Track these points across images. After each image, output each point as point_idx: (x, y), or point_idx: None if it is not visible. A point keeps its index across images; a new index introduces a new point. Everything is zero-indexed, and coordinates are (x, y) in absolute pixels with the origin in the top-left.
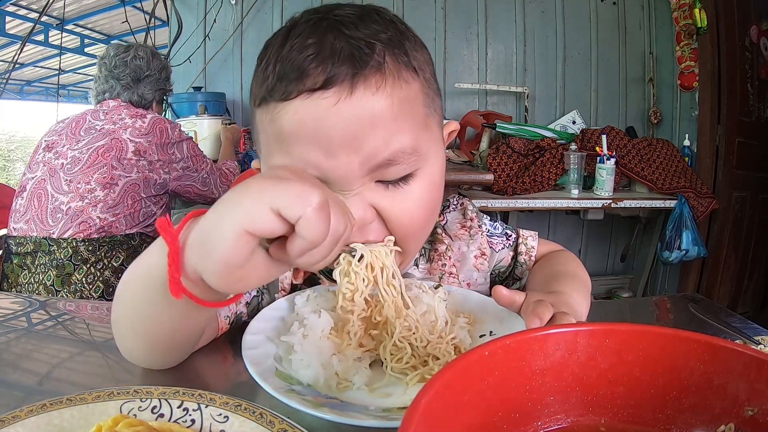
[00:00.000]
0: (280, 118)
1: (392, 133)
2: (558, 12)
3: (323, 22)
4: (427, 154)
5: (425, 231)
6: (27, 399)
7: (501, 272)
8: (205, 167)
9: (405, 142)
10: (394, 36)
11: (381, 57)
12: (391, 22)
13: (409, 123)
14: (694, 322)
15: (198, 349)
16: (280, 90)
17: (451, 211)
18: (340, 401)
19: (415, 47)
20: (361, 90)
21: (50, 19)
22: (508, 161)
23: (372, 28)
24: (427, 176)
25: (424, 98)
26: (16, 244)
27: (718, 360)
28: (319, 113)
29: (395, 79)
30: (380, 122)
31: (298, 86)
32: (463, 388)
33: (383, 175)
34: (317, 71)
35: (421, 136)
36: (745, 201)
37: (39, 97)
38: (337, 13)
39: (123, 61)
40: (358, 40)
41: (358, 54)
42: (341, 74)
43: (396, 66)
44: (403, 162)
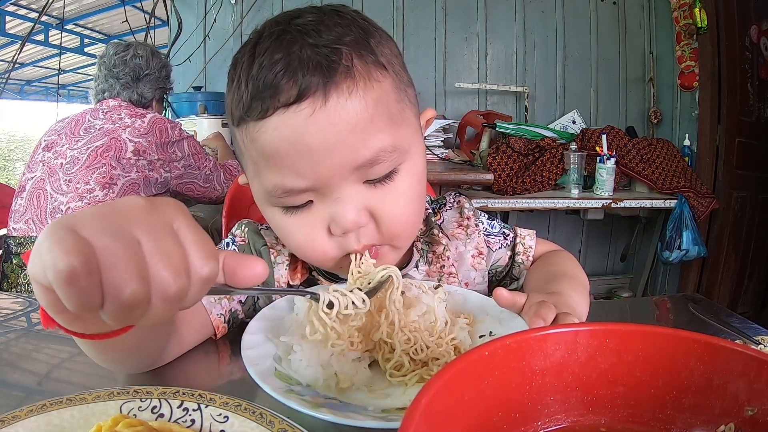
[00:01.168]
0: (260, 137)
1: (371, 133)
2: (558, 12)
3: (286, 34)
4: (408, 148)
5: (416, 223)
6: (27, 399)
7: (498, 272)
8: (208, 164)
9: (385, 141)
10: (358, 36)
11: (348, 61)
12: (352, 21)
13: (385, 121)
14: (694, 322)
15: (197, 349)
16: (256, 109)
17: (448, 209)
18: (339, 401)
19: (380, 42)
20: (334, 97)
21: (50, 19)
22: (508, 161)
23: (335, 32)
24: (411, 169)
25: (396, 93)
26: (16, 244)
27: (718, 360)
28: (297, 126)
29: (366, 81)
30: (358, 125)
31: (273, 103)
32: (463, 388)
33: (368, 174)
34: (289, 85)
35: (399, 132)
36: (745, 201)
37: (39, 97)
38: (298, 23)
39: (122, 59)
40: (323, 47)
41: (326, 62)
42: (313, 84)
43: (365, 67)
44: (385, 160)
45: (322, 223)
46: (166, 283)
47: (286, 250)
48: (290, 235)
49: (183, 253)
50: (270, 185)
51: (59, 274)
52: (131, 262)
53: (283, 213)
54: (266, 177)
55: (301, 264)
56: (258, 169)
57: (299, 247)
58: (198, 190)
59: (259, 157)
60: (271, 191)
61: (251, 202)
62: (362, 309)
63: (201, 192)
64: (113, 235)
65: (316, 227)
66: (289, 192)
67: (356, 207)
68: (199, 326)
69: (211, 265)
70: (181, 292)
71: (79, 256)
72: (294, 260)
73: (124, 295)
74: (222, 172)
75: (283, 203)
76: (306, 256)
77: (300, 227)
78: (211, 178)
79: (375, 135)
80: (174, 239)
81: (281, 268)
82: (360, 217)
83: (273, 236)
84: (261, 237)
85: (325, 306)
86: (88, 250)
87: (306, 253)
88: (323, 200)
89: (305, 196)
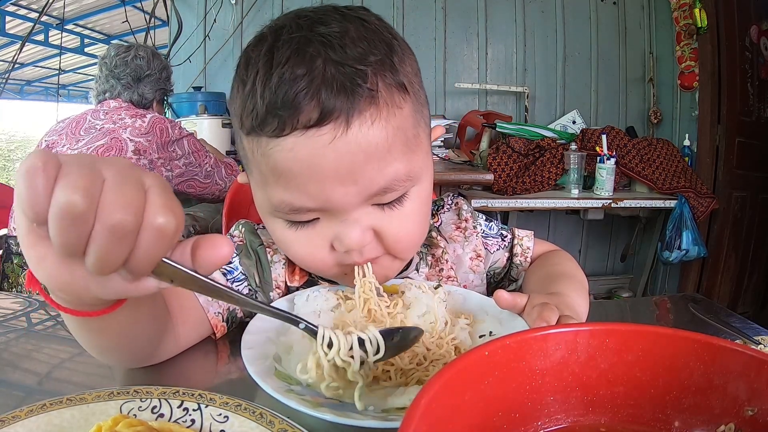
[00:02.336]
0: (274, 154)
1: (387, 163)
2: (558, 12)
3: (309, 45)
4: (419, 174)
5: (420, 242)
6: (27, 399)
7: (496, 273)
8: (209, 161)
9: (400, 170)
10: (383, 55)
11: (374, 85)
12: (376, 32)
13: (401, 149)
14: (694, 322)
15: (197, 349)
16: (271, 125)
17: (446, 211)
18: (339, 401)
19: (402, 59)
20: (356, 125)
21: (50, 19)
22: (508, 161)
23: (360, 47)
24: (420, 192)
25: (414, 118)
26: (17, 244)
27: (718, 360)
28: (315, 150)
29: (389, 108)
30: (375, 155)
31: (292, 122)
32: (463, 388)
33: (379, 199)
34: (310, 106)
35: (413, 159)
36: (745, 201)
37: (39, 97)
38: (322, 32)
39: (123, 60)
40: (348, 66)
41: (350, 84)
42: (336, 109)
43: (388, 92)
44: (397, 188)
45: (326, 240)
46: (109, 211)
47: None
48: (291, 247)
49: (140, 196)
50: (277, 200)
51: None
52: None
53: (287, 226)
54: (274, 192)
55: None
56: (266, 182)
57: (300, 259)
58: (199, 187)
59: (269, 172)
60: (277, 206)
61: (251, 202)
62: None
63: (203, 188)
64: (82, 163)
65: (318, 243)
66: (296, 210)
67: (362, 227)
68: (195, 323)
69: (167, 216)
70: (123, 224)
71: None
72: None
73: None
74: (223, 168)
75: (288, 218)
76: (305, 266)
77: (302, 241)
78: (212, 173)
79: (391, 164)
80: (137, 186)
81: (278, 267)
82: (365, 237)
83: (269, 235)
84: (258, 236)
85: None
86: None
87: (306, 264)
88: (330, 219)
89: (312, 214)
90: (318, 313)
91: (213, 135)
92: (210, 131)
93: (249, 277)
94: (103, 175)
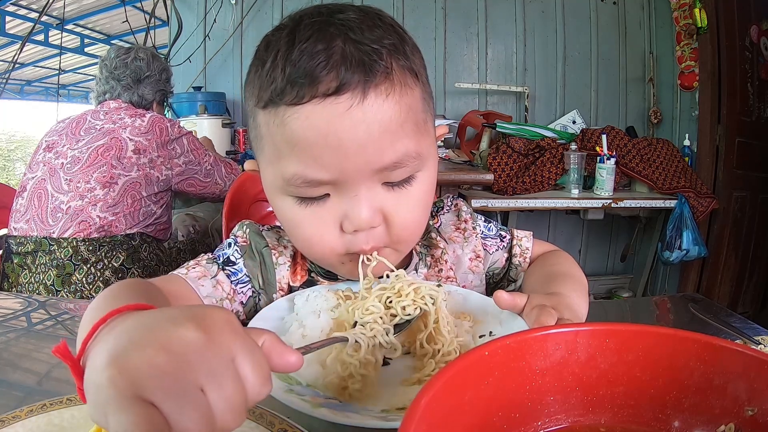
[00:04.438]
0: (291, 122)
1: (399, 137)
2: (558, 12)
3: (330, 27)
4: (427, 157)
5: (422, 230)
6: (27, 399)
7: (495, 274)
8: (208, 159)
9: (410, 147)
10: (396, 41)
11: (388, 64)
12: (390, 26)
13: (412, 128)
14: (694, 322)
15: None
16: (290, 94)
17: (446, 212)
18: (339, 401)
19: (413, 51)
20: (372, 97)
21: (50, 19)
22: (508, 161)
23: (376, 32)
24: (426, 178)
25: (423, 103)
26: (17, 244)
27: (718, 360)
28: (332, 118)
29: (402, 86)
30: (389, 127)
31: (311, 91)
32: (463, 388)
33: (389, 177)
34: (329, 77)
35: (422, 141)
36: (745, 201)
37: (39, 97)
38: (341, 18)
39: (123, 62)
40: (366, 46)
41: (368, 60)
42: (353, 81)
43: (402, 72)
44: (407, 165)
45: (335, 219)
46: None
47: (287, 252)
48: (299, 227)
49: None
50: (290, 173)
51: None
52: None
53: (297, 203)
54: (287, 164)
55: (300, 265)
56: (279, 154)
57: (306, 239)
58: (199, 186)
59: (284, 142)
60: (289, 179)
61: (251, 202)
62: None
63: (203, 187)
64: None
65: (328, 222)
66: (309, 182)
67: (372, 207)
68: None
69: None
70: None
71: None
72: (294, 261)
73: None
74: (223, 167)
75: (299, 193)
76: (311, 250)
77: (311, 220)
78: (212, 172)
79: (402, 140)
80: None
81: (283, 269)
82: (374, 217)
83: (274, 237)
84: (263, 238)
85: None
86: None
87: (312, 247)
88: (340, 196)
89: (323, 188)
90: (318, 312)
91: (213, 135)
92: (210, 131)
93: (253, 279)
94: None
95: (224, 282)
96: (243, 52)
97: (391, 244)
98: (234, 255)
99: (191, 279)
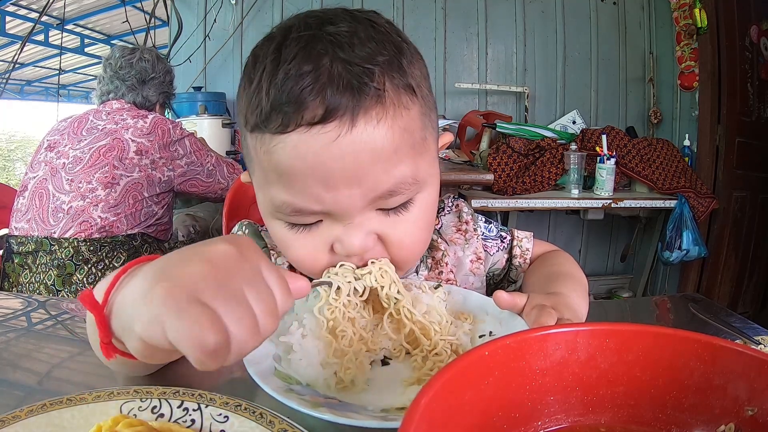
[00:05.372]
0: (277, 152)
1: (393, 164)
2: (558, 12)
3: (317, 43)
4: (426, 179)
5: (423, 250)
6: (27, 399)
7: (496, 275)
8: (210, 160)
9: (406, 173)
10: (391, 55)
11: (380, 85)
12: (386, 35)
13: (408, 152)
14: (694, 322)
15: None
16: (275, 121)
17: (446, 213)
18: (339, 401)
19: (411, 61)
20: (362, 124)
21: (50, 19)
22: (508, 161)
23: (368, 47)
24: (426, 198)
25: (421, 121)
26: (18, 244)
27: (718, 360)
28: (319, 148)
29: (395, 108)
30: (381, 155)
31: (296, 119)
32: (463, 388)
33: (384, 204)
34: (315, 103)
35: (420, 163)
36: (745, 201)
37: (39, 97)
38: (330, 31)
39: (129, 62)
40: (356, 66)
41: (357, 83)
42: (341, 107)
43: (396, 92)
44: (404, 192)
45: (327, 243)
46: (266, 327)
47: None
48: (290, 248)
49: (274, 298)
50: (279, 201)
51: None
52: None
53: (287, 227)
54: (276, 192)
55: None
56: (268, 181)
57: (299, 261)
58: (202, 186)
59: (272, 171)
60: (278, 207)
61: (252, 202)
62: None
63: (205, 187)
64: (228, 297)
65: (319, 246)
66: (299, 211)
67: (365, 232)
68: None
69: (291, 300)
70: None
71: (219, 332)
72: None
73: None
74: (225, 167)
75: (290, 220)
76: (303, 269)
77: (303, 243)
78: (214, 172)
79: (397, 166)
80: (266, 286)
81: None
82: (367, 242)
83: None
84: (261, 239)
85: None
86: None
87: (304, 267)
88: (332, 222)
89: (315, 216)
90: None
91: (213, 135)
92: (210, 131)
93: None
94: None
95: None
96: (243, 52)
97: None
98: None
99: None
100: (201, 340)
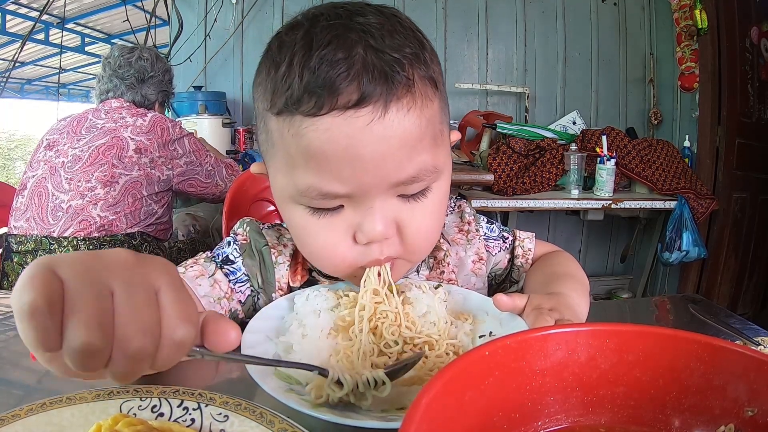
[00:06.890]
0: (308, 134)
1: (417, 152)
2: (558, 12)
3: (350, 32)
4: (443, 169)
5: (436, 241)
6: (27, 398)
7: (498, 275)
8: (209, 160)
9: (428, 161)
10: (417, 49)
11: (410, 75)
12: (410, 30)
13: (430, 141)
14: (694, 323)
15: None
16: (308, 104)
17: (448, 214)
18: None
19: (432, 58)
20: (393, 110)
21: (51, 18)
22: (508, 161)
23: (397, 39)
24: (441, 188)
25: (441, 113)
26: (17, 243)
27: (718, 360)
28: (352, 132)
29: (423, 99)
30: (408, 142)
31: (330, 102)
32: (463, 388)
33: (405, 190)
34: (350, 88)
35: (439, 153)
36: (745, 202)
37: (39, 96)
38: (361, 21)
39: (128, 61)
40: (387, 55)
41: (390, 72)
42: (375, 93)
43: (423, 84)
44: (424, 179)
45: (348, 230)
46: (127, 339)
47: (287, 251)
48: (310, 237)
49: (154, 313)
50: (305, 185)
51: (21, 307)
52: (96, 310)
53: (309, 213)
54: (302, 176)
55: (301, 265)
56: (294, 165)
57: (318, 250)
58: (200, 186)
59: (300, 154)
60: (304, 191)
61: (252, 202)
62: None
63: (203, 188)
64: (88, 282)
65: (340, 233)
66: (324, 195)
67: (386, 219)
68: None
69: (186, 328)
70: (142, 351)
71: (44, 294)
72: (294, 261)
73: (78, 342)
74: (224, 168)
75: (313, 204)
76: (321, 261)
77: (324, 231)
78: (213, 173)
79: (421, 154)
80: (149, 298)
81: (282, 268)
82: (388, 229)
83: (274, 236)
84: (263, 236)
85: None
86: (55, 290)
87: (323, 258)
88: (355, 207)
89: (338, 200)
90: (318, 312)
91: (213, 135)
92: (210, 131)
93: (252, 278)
94: (111, 287)
95: (222, 281)
96: (243, 51)
97: (404, 254)
98: (233, 254)
99: (188, 278)
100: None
